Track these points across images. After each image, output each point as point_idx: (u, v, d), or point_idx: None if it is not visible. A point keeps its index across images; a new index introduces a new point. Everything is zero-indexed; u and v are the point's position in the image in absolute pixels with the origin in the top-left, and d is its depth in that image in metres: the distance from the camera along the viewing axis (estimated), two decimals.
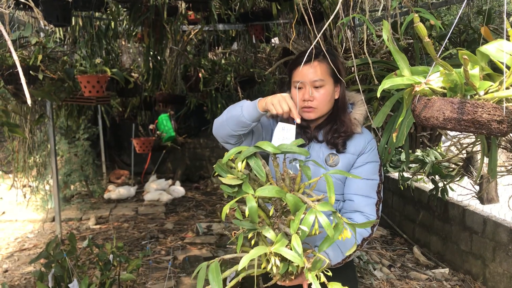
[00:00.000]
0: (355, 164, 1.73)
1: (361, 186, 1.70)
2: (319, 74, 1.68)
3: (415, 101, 1.11)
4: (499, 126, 1.01)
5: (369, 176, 1.71)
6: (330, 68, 1.69)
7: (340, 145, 1.72)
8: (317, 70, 1.68)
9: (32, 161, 4.72)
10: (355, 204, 1.70)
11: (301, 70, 1.68)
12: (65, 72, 3.70)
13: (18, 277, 3.92)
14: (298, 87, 1.68)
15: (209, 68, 4.41)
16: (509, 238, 3.30)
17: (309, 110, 1.70)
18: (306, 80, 1.67)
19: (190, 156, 7.81)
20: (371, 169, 1.72)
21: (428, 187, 4.21)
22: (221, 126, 1.74)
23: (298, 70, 1.69)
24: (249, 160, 1.36)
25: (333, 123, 1.74)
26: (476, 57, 1.06)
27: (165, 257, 4.35)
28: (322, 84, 1.68)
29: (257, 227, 1.33)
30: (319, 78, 1.67)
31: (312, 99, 1.68)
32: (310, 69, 1.67)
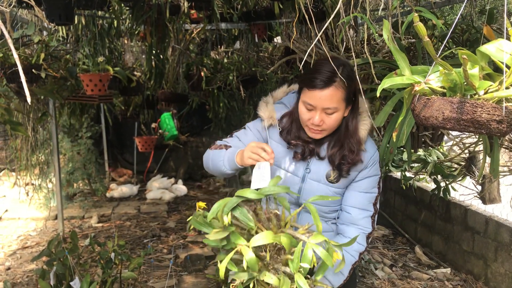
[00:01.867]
0: (356, 178, 1.71)
1: (359, 199, 1.70)
2: (334, 102, 1.55)
3: (415, 101, 1.11)
4: (499, 126, 1.01)
5: (368, 189, 1.70)
6: (346, 93, 1.57)
7: (344, 171, 1.67)
8: (332, 97, 1.54)
9: (35, 159, 4.74)
10: (352, 217, 1.69)
11: (314, 93, 1.55)
12: (68, 70, 3.71)
13: (21, 274, 3.94)
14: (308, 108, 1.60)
15: (212, 67, 4.41)
16: (511, 238, 3.29)
17: (317, 132, 1.63)
18: (319, 105, 1.56)
19: (193, 154, 7.82)
20: (371, 183, 1.71)
21: (430, 187, 4.20)
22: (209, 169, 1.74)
23: (311, 92, 1.56)
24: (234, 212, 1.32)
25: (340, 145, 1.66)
26: (476, 57, 1.06)
27: (167, 255, 4.36)
28: (335, 111, 1.57)
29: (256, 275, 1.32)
30: (333, 106, 1.56)
31: (322, 124, 1.59)
32: (324, 95, 1.54)
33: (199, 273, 3.91)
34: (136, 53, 6.57)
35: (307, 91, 1.57)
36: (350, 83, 1.56)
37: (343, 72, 1.55)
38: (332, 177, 1.68)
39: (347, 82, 1.54)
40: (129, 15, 4.26)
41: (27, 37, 3.21)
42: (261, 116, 1.75)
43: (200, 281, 3.75)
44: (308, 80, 1.57)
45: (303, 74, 1.68)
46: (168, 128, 6.66)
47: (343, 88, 1.55)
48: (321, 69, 1.55)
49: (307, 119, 1.61)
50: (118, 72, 3.86)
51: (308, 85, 1.57)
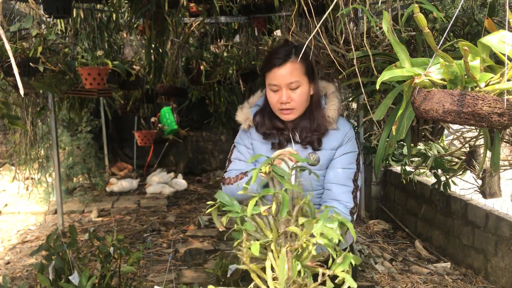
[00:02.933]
0: (334, 156, 1.77)
1: (338, 176, 1.75)
2: (294, 75, 1.66)
3: (415, 93, 1.09)
4: (500, 119, 0.99)
5: (346, 165, 1.75)
6: (304, 67, 1.67)
7: (315, 143, 1.74)
8: (292, 72, 1.65)
9: (34, 154, 4.72)
10: (333, 193, 1.75)
11: (275, 72, 1.66)
12: (66, 64, 3.69)
13: (20, 269, 3.94)
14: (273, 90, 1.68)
15: (211, 61, 4.39)
16: (511, 233, 3.28)
17: (288, 112, 1.71)
18: (282, 83, 1.65)
19: (193, 149, 7.80)
20: (348, 159, 1.76)
21: (431, 181, 4.18)
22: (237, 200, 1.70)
23: (271, 72, 1.67)
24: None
25: (306, 121, 1.75)
26: (477, 49, 1.04)
27: (167, 250, 4.36)
28: (298, 85, 1.66)
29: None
30: (295, 80, 1.65)
31: (290, 100, 1.67)
32: (284, 71, 1.65)
33: (198, 267, 3.90)
34: (136, 47, 6.55)
35: (268, 74, 1.68)
36: (305, 58, 1.67)
37: (297, 50, 1.65)
38: (312, 160, 1.74)
39: (302, 57, 1.63)
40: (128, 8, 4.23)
41: (25, 31, 3.18)
42: (239, 120, 1.86)
43: (200, 275, 3.75)
44: (266, 63, 1.70)
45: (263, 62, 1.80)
46: (168, 122, 6.64)
47: (300, 63, 1.65)
48: (276, 51, 1.69)
49: (276, 102, 1.69)
50: (117, 66, 3.84)
51: (268, 67, 1.68)
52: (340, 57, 2.27)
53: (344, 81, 2.36)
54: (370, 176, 5.22)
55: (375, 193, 5.27)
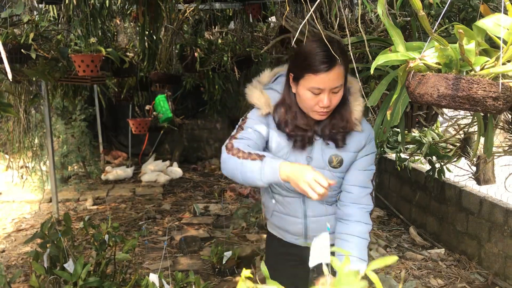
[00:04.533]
0: (356, 158, 1.70)
1: (360, 178, 1.70)
2: (340, 79, 1.54)
3: (409, 78, 1.08)
4: (495, 103, 0.99)
5: (367, 167, 1.70)
6: (345, 68, 1.56)
7: (340, 141, 1.66)
8: (339, 76, 1.53)
9: (28, 142, 4.69)
10: (354, 196, 1.70)
11: (321, 77, 1.51)
12: (59, 51, 3.64)
13: (15, 257, 3.94)
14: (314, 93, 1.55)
15: (206, 48, 4.35)
16: (504, 219, 3.30)
17: (324, 114, 1.60)
18: (327, 87, 1.53)
19: (188, 137, 7.78)
20: (369, 160, 1.71)
21: (425, 168, 4.20)
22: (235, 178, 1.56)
23: (317, 76, 1.51)
24: None
25: (331, 117, 1.65)
26: (472, 32, 1.03)
27: (162, 237, 4.36)
28: (340, 88, 1.57)
29: None
30: (339, 84, 1.55)
31: (330, 104, 1.56)
32: (332, 76, 1.51)
33: (194, 254, 3.91)
34: (130, 34, 6.48)
35: (312, 76, 1.52)
36: (345, 56, 1.56)
37: (337, 48, 1.52)
38: (334, 162, 1.66)
39: (343, 56, 1.53)
40: None
41: (17, 17, 3.14)
42: (256, 104, 1.67)
43: (195, 262, 3.76)
44: (309, 66, 1.52)
45: (296, 60, 1.60)
46: (162, 110, 6.61)
47: (343, 64, 1.54)
48: (317, 52, 1.52)
49: (314, 104, 1.56)
50: (111, 53, 3.80)
51: (312, 71, 1.51)
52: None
53: None
54: None
55: None
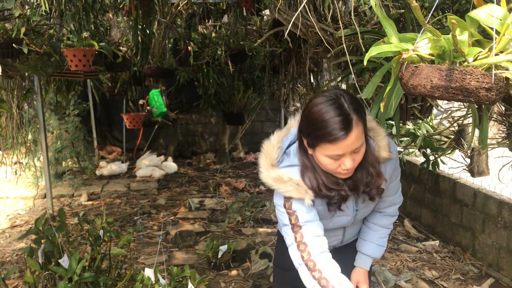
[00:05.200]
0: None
1: (394, 189, 1.72)
2: (360, 139, 1.42)
3: (403, 69, 1.08)
4: (488, 94, 0.99)
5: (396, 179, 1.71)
6: (363, 123, 1.43)
7: (376, 195, 1.60)
8: (358, 137, 1.40)
9: (22, 138, 4.67)
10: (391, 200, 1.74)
11: (339, 144, 1.39)
12: (52, 46, 3.61)
13: (10, 253, 3.92)
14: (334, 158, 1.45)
15: (199, 42, 4.33)
16: (498, 210, 3.32)
17: (349, 173, 1.50)
18: (347, 151, 1.41)
19: (183, 132, 7.77)
20: (398, 174, 1.71)
21: (420, 161, 4.21)
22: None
23: (334, 144, 1.39)
24: None
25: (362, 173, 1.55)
26: (465, 23, 1.03)
27: (158, 232, 4.36)
28: (362, 146, 1.45)
29: None
30: (360, 144, 1.43)
31: (354, 164, 1.46)
32: (350, 140, 1.38)
33: (189, 249, 3.91)
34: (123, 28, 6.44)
35: (329, 145, 1.40)
36: (361, 110, 1.43)
37: (350, 104, 1.40)
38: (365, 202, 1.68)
39: (359, 112, 1.41)
40: None
41: (8, 11, 3.10)
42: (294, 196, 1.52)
43: (191, 256, 3.76)
44: (325, 136, 1.39)
45: (309, 128, 1.45)
46: (156, 105, 6.58)
47: (360, 121, 1.41)
48: (331, 117, 1.38)
49: (336, 167, 1.46)
50: (103, 47, 3.77)
51: (329, 140, 1.39)
52: (329, 35, 2.25)
53: (333, 60, 2.34)
54: None
55: None
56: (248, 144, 7.94)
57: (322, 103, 1.41)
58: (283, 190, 1.53)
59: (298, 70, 3.42)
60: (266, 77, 4.09)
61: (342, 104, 1.39)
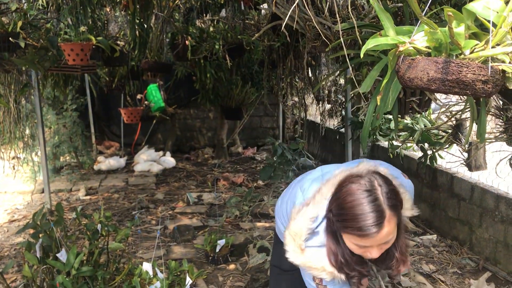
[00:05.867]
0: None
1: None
2: (390, 234, 1.38)
3: (399, 62, 1.07)
4: (484, 87, 0.99)
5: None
6: (398, 217, 1.39)
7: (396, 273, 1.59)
8: (389, 233, 1.36)
9: (19, 133, 4.66)
10: None
11: (368, 239, 1.36)
12: (49, 40, 3.60)
13: (8, 248, 3.92)
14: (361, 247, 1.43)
15: (197, 36, 4.32)
16: (495, 204, 3.33)
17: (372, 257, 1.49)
18: (375, 244, 1.39)
19: (181, 127, 7.76)
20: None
21: (417, 155, 4.22)
22: None
23: (363, 239, 1.36)
24: None
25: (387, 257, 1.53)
26: (462, 15, 1.03)
27: (156, 226, 4.36)
28: (392, 239, 1.42)
29: None
30: (390, 238, 1.40)
31: (380, 253, 1.44)
32: (380, 236, 1.35)
33: (187, 243, 3.92)
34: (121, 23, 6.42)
35: (357, 237, 1.37)
36: (397, 203, 1.38)
37: (386, 198, 1.35)
38: None
39: (394, 207, 1.36)
40: None
41: (4, 5, 3.09)
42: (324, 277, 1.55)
43: (189, 251, 3.77)
44: (354, 228, 1.36)
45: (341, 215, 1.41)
46: (154, 99, 6.58)
47: (395, 216, 1.36)
48: (364, 212, 1.33)
49: (361, 253, 1.45)
50: (101, 42, 3.77)
51: (358, 234, 1.36)
52: (327, 29, 2.24)
53: (331, 54, 2.34)
54: (358, 151, 5.24)
55: None
56: (246, 139, 7.94)
57: (356, 193, 1.36)
58: (316, 274, 1.54)
59: (296, 64, 3.41)
60: (264, 72, 4.08)
61: (377, 198, 1.34)
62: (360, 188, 1.36)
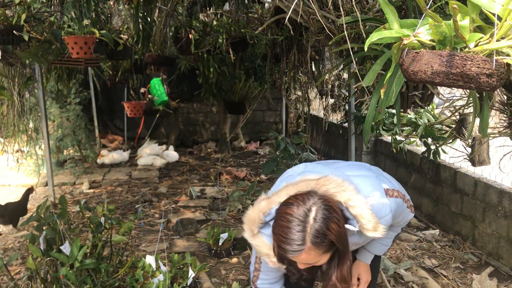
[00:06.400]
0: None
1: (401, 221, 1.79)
2: (311, 259, 1.47)
3: (403, 55, 1.07)
4: (489, 80, 0.98)
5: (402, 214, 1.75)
6: (323, 249, 1.44)
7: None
8: (308, 257, 1.46)
9: (23, 126, 4.67)
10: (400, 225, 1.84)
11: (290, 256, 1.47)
12: (52, 33, 3.60)
13: (12, 240, 3.94)
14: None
15: (200, 30, 4.31)
16: (499, 199, 3.32)
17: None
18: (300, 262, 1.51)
19: (184, 121, 7.77)
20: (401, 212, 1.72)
21: (421, 150, 4.21)
22: None
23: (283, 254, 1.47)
24: None
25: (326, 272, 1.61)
26: (467, 8, 1.02)
27: (159, 220, 4.38)
28: (316, 263, 1.51)
29: None
30: (313, 262, 1.50)
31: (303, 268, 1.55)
32: (298, 258, 1.46)
33: (190, 236, 3.93)
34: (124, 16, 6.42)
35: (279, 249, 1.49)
36: (322, 240, 1.42)
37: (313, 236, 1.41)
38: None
39: (317, 244, 1.41)
40: None
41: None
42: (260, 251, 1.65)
43: (192, 244, 3.78)
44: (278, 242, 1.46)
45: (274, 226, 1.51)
46: (158, 93, 6.58)
47: (317, 249, 1.43)
48: (288, 235, 1.43)
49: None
50: (104, 35, 3.76)
51: (279, 248, 1.47)
52: (330, 23, 2.24)
53: (334, 48, 2.33)
54: (361, 145, 5.24)
55: (366, 162, 5.29)
56: (249, 133, 7.94)
57: (290, 218, 1.43)
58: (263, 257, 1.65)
59: (299, 58, 3.41)
60: (267, 66, 4.07)
61: (305, 230, 1.41)
62: (296, 215, 1.43)
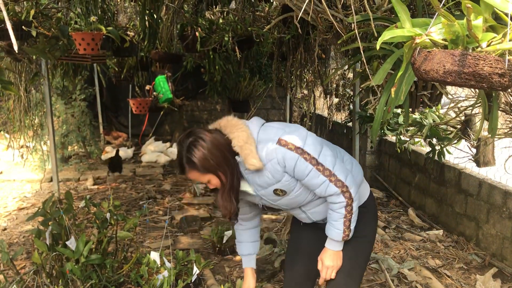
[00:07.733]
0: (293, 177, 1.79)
1: (309, 184, 1.80)
2: (200, 178, 1.77)
3: (415, 54, 1.07)
4: (501, 80, 0.99)
5: (304, 174, 1.76)
6: (200, 171, 1.73)
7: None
8: (194, 175, 1.77)
9: (29, 121, 4.69)
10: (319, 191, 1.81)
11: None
12: (60, 29, 3.61)
13: (17, 235, 3.96)
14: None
15: (207, 28, 4.31)
16: (503, 201, 3.32)
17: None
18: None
19: (188, 118, 7.78)
20: (300, 169, 1.75)
21: (425, 150, 4.21)
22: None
23: None
24: None
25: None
26: (480, 8, 1.03)
27: (163, 217, 4.39)
28: (206, 182, 1.78)
29: None
30: (204, 180, 1.78)
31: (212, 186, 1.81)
32: (190, 175, 1.77)
33: (194, 233, 3.94)
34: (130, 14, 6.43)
35: None
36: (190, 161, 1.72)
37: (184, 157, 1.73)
38: (278, 191, 1.82)
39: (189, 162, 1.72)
40: None
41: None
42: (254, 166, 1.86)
43: (196, 241, 3.79)
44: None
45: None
46: (162, 91, 6.57)
47: (193, 168, 1.73)
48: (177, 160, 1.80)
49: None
50: (111, 32, 3.77)
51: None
52: (339, 22, 2.24)
53: (342, 47, 2.34)
54: (365, 145, 5.24)
55: (370, 162, 5.30)
56: None
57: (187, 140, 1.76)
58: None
59: (306, 57, 3.41)
60: (274, 64, 4.07)
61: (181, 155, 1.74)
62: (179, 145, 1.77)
